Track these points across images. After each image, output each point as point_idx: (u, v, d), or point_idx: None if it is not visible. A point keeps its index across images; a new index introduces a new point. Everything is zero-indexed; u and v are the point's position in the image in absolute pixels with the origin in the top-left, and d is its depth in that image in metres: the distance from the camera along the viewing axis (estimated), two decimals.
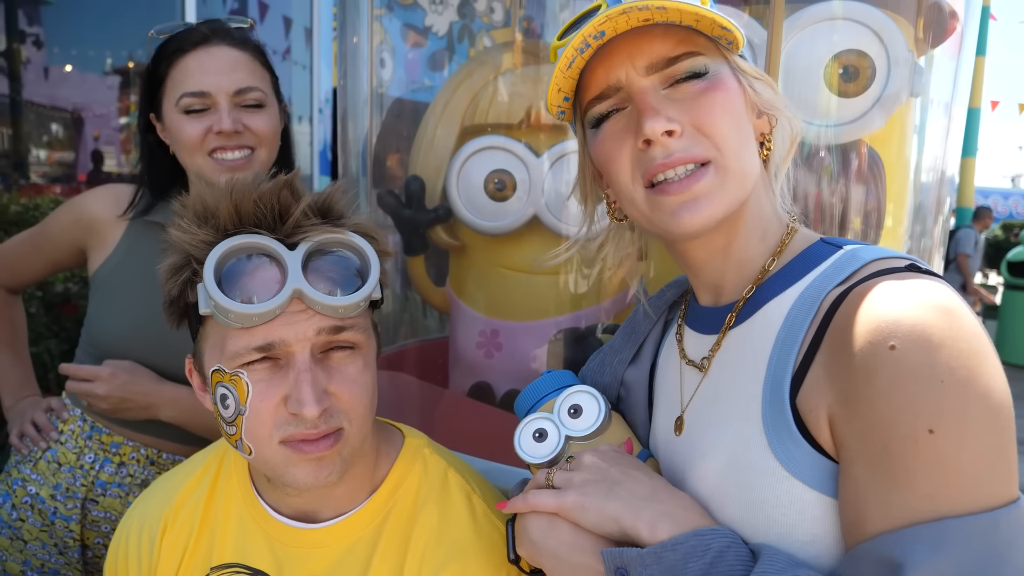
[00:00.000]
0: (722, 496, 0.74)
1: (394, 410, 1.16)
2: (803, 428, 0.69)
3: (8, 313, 1.57)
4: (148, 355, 1.37)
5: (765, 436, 0.71)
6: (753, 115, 0.79)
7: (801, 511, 0.68)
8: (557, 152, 1.41)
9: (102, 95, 6.09)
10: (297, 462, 0.83)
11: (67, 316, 3.27)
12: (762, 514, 0.69)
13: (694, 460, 0.79)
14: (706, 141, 0.74)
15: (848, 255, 0.75)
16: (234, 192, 0.83)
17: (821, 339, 0.70)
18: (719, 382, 0.80)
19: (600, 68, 0.77)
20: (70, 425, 1.44)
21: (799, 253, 0.78)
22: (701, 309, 0.86)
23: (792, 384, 0.70)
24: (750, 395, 0.74)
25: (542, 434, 0.88)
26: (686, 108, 0.74)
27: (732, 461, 0.73)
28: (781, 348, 0.73)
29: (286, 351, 0.81)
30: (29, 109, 5.63)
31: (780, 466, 0.69)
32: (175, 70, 1.30)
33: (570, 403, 0.89)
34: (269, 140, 1.33)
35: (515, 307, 1.49)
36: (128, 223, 1.41)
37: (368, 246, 0.86)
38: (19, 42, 5.45)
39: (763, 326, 0.76)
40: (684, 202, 0.74)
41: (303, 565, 0.91)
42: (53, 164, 6.08)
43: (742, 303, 0.79)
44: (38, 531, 1.42)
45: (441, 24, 1.85)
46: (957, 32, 1.34)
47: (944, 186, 1.44)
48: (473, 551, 0.89)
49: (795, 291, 0.75)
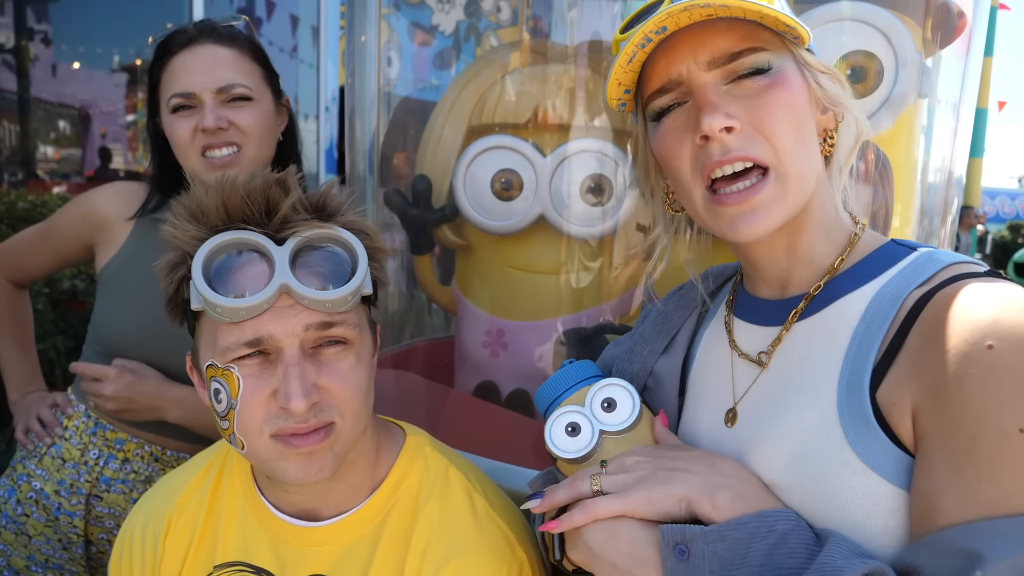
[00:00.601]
0: (788, 485, 0.73)
1: (400, 409, 1.16)
2: (882, 423, 0.69)
3: (15, 308, 1.58)
4: (154, 353, 1.37)
5: (841, 428, 0.71)
6: (818, 111, 0.78)
7: (876, 503, 0.68)
8: (563, 152, 1.41)
9: (109, 92, 6.12)
10: (287, 456, 0.83)
11: (74, 312, 3.29)
12: (834, 504, 0.70)
13: (753, 449, 0.78)
14: (764, 141, 0.74)
15: (925, 257, 0.75)
16: (223, 189, 0.84)
17: (903, 338, 0.70)
18: (782, 373, 0.80)
19: (662, 61, 0.76)
20: (75, 421, 1.44)
21: (871, 252, 0.79)
22: (758, 301, 0.85)
23: (872, 379, 0.71)
24: (822, 388, 0.74)
25: (575, 428, 0.85)
26: (747, 105, 0.74)
27: (801, 452, 0.73)
28: (860, 344, 0.73)
29: (275, 346, 0.82)
30: (37, 106, 5.66)
31: (856, 457, 0.69)
32: (165, 73, 1.33)
33: (603, 396, 0.86)
34: (256, 135, 1.33)
35: (521, 307, 1.49)
36: (136, 221, 1.42)
37: (357, 241, 0.86)
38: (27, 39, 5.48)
39: (837, 321, 0.76)
40: (742, 213, 0.74)
41: (305, 563, 0.91)
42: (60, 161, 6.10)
43: (811, 297, 0.79)
44: (42, 526, 1.42)
45: (448, 23, 1.86)
46: (965, 33, 1.33)
47: (951, 187, 1.44)
48: (474, 548, 0.89)
49: (871, 289, 0.76)
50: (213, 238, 0.83)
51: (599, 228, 1.42)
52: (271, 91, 1.38)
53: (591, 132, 1.44)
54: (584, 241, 1.44)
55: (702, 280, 0.95)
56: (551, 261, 1.46)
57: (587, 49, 1.48)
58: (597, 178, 1.41)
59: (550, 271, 1.46)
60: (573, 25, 1.61)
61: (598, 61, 1.44)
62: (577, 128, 1.45)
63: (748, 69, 0.74)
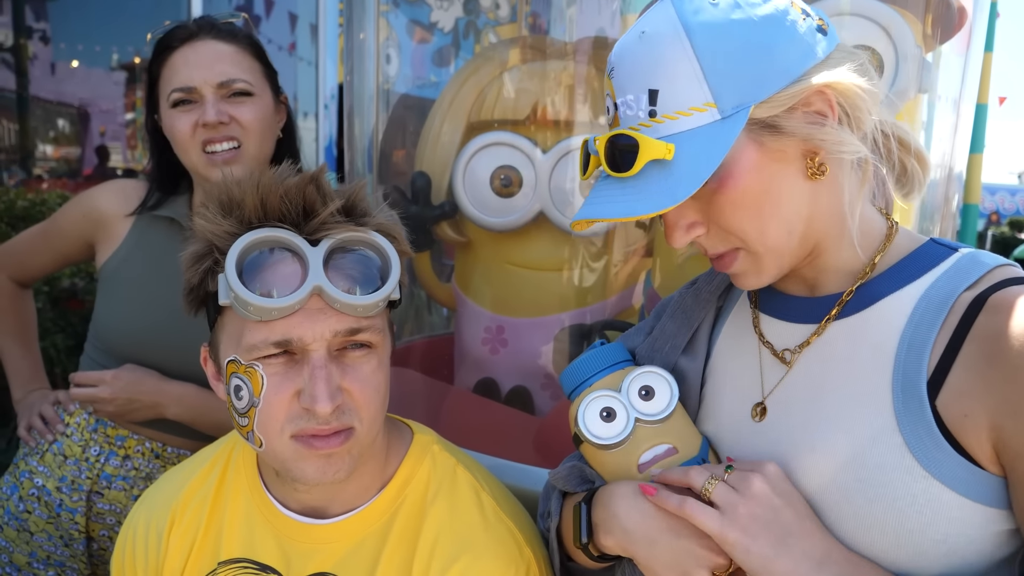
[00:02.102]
0: (841, 490, 0.72)
1: (400, 406, 1.16)
2: (944, 431, 0.69)
3: (18, 307, 1.58)
4: (154, 348, 1.37)
5: (900, 434, 0.70)
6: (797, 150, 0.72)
7: (937, 511, 0.68)
8: (563, 148, 1.41)
9: (108, 91, 6.10)
10: (307, 457, 0.83)
11: (73, 311, 3.28)
12: (893, 510, 0.69)
13: (799, 452, 0.76)
14: (728, 236, 0.75)
15: (969, 258, 0.75)
16: (261, 185, 0.83)
17: (959, 343, 0.70)
18: (818, 373, 0.79)
19: None
20: (76, 418, 1.44)
21: (911, 252, 0.77)
22: (787, 298, 0.84)
23: (929, 386, 0.70)
24: (873, 391, 0.73)
25: (610, 414, 0.83)
26: (702, 208, 0.74)
27: (856, 457, 0.72)
28: (910, 347, 0.72)
29: (303, 347, 0.81)
30: (35, 104, 5.65)
31: (918, 465, 0.69)
32: (165, 68, 1.32)
33: (641, 383, 0.84)
34: (256, 131, 1.32)
35: (521, 303, 1.49)
36: (136, 218, 1.42)
37: (389, 246, 0.86)
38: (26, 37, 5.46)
39: (881, 321, 0.75)
40: (730, 275, 0.78)
41: (311, 560, 0.91)
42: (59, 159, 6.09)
43: (850, 295, 0.78)
44: (44, 523, 1.42)
45: (447, 20, 1.86)
46: (965, 28, 1.33)
47: (952, 183, 1.44)
48: (482, 547, 0.89)
49: (915, 290, 0.75)
50: (248, 234, 0.82)
51: (599, 225, 1.42)
52: (271, 88, 1.38)
53: (590, 128, 1.44)
54: (584, 238, 1.44)
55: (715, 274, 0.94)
56: (551, 258, 1.46)
57: (586, 45, 1.48)
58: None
59: (550, 268, 1.46)
60: (572, 22, 1.61)
61: (598, 57, 1.44)
62: (576, 124, 1.45)
63: None
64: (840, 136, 0.71)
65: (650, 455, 0.82)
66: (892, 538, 0.69)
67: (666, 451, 0.82)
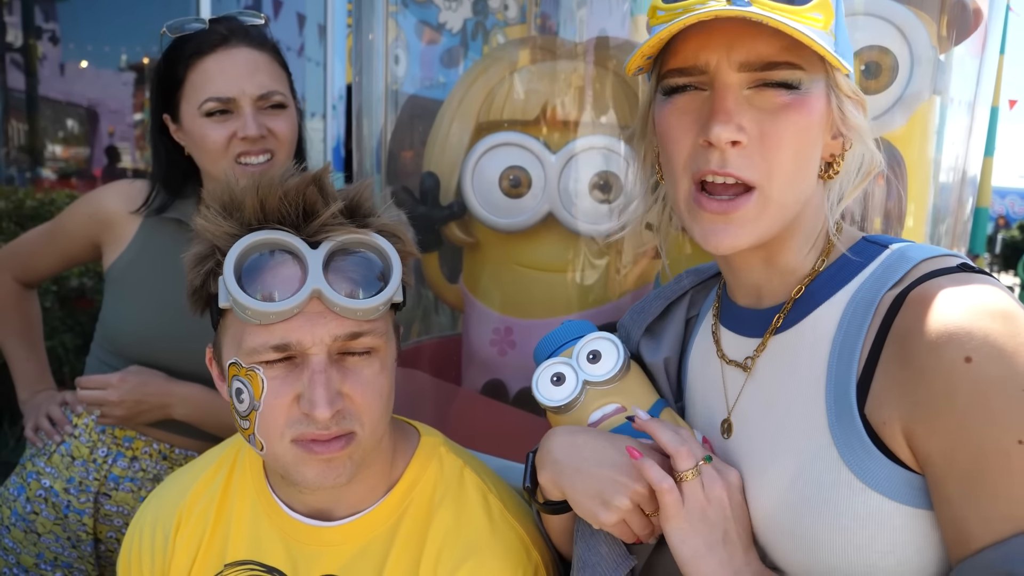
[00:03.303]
0: (792, 509, 0.72)
1: (407, 407, 1.15)
2: (874, 438, 0.68)
3: (24, 307, 1.58)
4: (161, 350, 1.37)
5: (836, 448, 0.70)
6: (828, 135, 0.75)
7: (880, 522, 0.67)
8: (572, 149, 1.41)
9: (117, 91, 6.13)
10: (307, 461, 0.82)
11: (82, 310, 3.30)
12: (838, 526, 0.69)
13: (755, 470, 0.77)
14: (763, 164, 0.71)
15: (896, 255, 0.73)
16: (260, 187, 0.83)
17: (881, 345, 0.69)
18: (769, 387, 0.78)
19: (692, 42, 0.72)
20: (84, 419, 1.44)
21: (843, 254, 0.76)
22: (739, 310, 0.84)
23: (858, 393, 0.70)
24: (811, 405, 0.73)
25: (560, 378, 0.88)
26: (760, 119, 0.71)
27: (800, 474, 0.72)
28: (839, 356, 0.72)
29: (302, 351, 0.81)
30: (45, 105, 5.67)
31: (855, 478, 0.68)
32: (194, 73, 1.29)
33: (589, 348, 0.89)
34: (288, 142, 1.33)
35: (529, 304, 1.48)
36: (143, 219, 1.41)
37: (391, 248, 0.85)
38: (35, 38, 5.49)
39: (814, 332, 0.75)
40: (716, 223, 0.73)
41: (318, 563, 0.91)
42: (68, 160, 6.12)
43: (789, 306, 0.78)
44: (52, 524, 1.42)
45: (455, 21, 1.85)
46: (981, 29, 1.32)
47: (965, 186, 1.43)
48: (489, 550, 0.89)
49: (845, 295, 0.74)
50: (247, 236, 0.82)
51: (607, 226, 1.42)
52: (293, 94, 1.37)
53: (600, 129, 1.43)
54: (593, 239, 1.43)
55: (682, 278, 0.95)
56: (560, 259, 1.45)
57: (596, 46, 1.47)
58: (605, 175, 1.40)
59: (559, 269, 1.46)
60: (582, 23, 1.60)
61: (607, 58, 1.43)
62: (586, 125, 1.44)
63: (776, 80, 0.71)
64: (863, 132, 0.74)
65: (599, 414, 0.87)
66: (842, 554, 0.69)
67: (614, 410, 0.87)
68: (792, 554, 0.73)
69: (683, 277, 0.96)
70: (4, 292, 1.55)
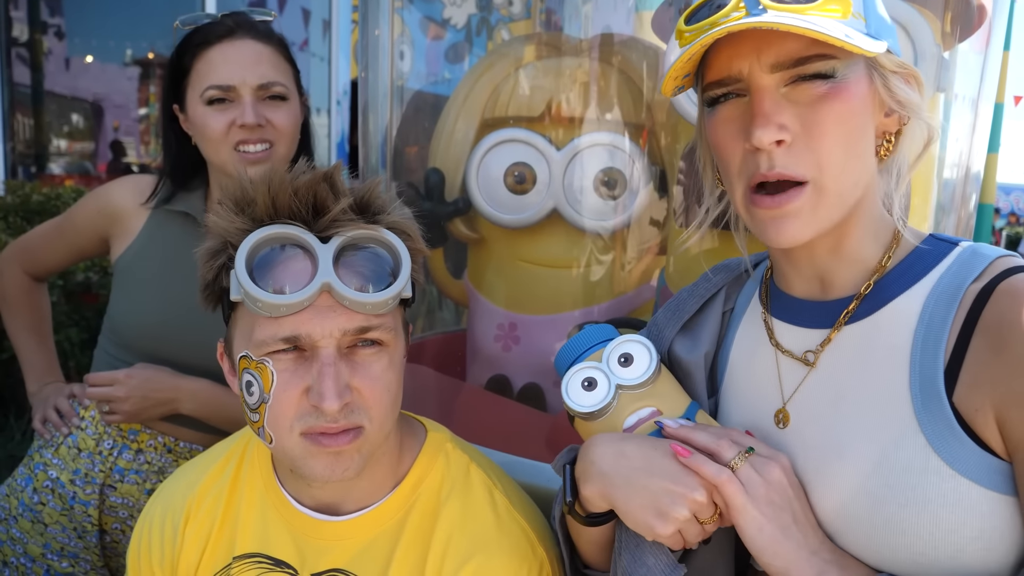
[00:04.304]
0: (871, 496, 0.73)
1: (412, 403, 1.16)
2: (964, 427, 0.69)
3: (33, 300, 1.59)
4: (167, 342, 1.38)
5: (923, 435, 0.70)
6: (880, 114, 0.76)
7: (968, 508, 0.68)
8: (577, 146, 1.41)
9: (122, 86, 6.14)
10: (315, 454, 0.83)
11: (87, 305, 3.31)
12: (926, 512, 0.69)
13: (822, 460, 0.77)
14: (811, 156, 0.72)
15: (970, 251, 0.75)
16: (272, 183, 0.83)
17: (969, 335, 0.70)
18: (838, 379, 0.78)
19: (724, 53, 0.73)
20: (90, 412, 1.45)
21: (913, 250, 0.77)
22: (796, 302, 0.83)
23: (945, 383, 0.70)
24: (891, 394, 0.73)
25: (591, 383, 0.85)
26: (800, 114, 0.71)
27: (882, 461, 0.72)
28: (924, 345, 0.72)
29: (311, 344, 0.82)
30: (50, 99, 5.69)
31: (944, 464, 0.69)
32: (200, 62, 1.31)
33: (620, 351, 0.86)
34: (288, 134, 1.33)
35: (533, 300, 1.49)
36: (150, 212, 1.42)
37: (401, 244, 0.86)
38: (41, 33, 5.51)
39: (893, 323, 0.75)
40: (774, 218, 0.73)
41: (325, 557, 0.91)
42: (73, 154, 6.14)
43: (861, 298, 0.78)
44: (58, 515, 1.44)
45: (459, 16, 1.86)
46: (985, 26, 1.32)
47: (969, 182, 1.43)
48: (495, 545, 0.89)
49: (923, 288, 0.75)
50: (258, 231, 0.83)
51: (612, 222, 1.42)
52: (298, 89, 1.38)
53: (604, 126, 1.44)
54: (597, 235, 1.43)
55: (711, 276, 0.95)
56: (564, 255, 1.46)
57: (601, 43, 1.47)
58: (610, 172, 1.40)
59: (563, 265, 1.46)
60: (587, 19, 1.60)
61: (612, 55, 1.44)
62: (590, 122, 1.45)
63: (810, 73, 0.71)
64: (917, 106, 0.74)
65: (634, 419, 0.84)
66: (929, 539, 0.69)
67: (650, 414, 0.84)
68: (870, 542, 0.73)
69: (712, 274, 0.95)
70: (15, 285, 1.56)
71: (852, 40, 0.67)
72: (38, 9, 5.49)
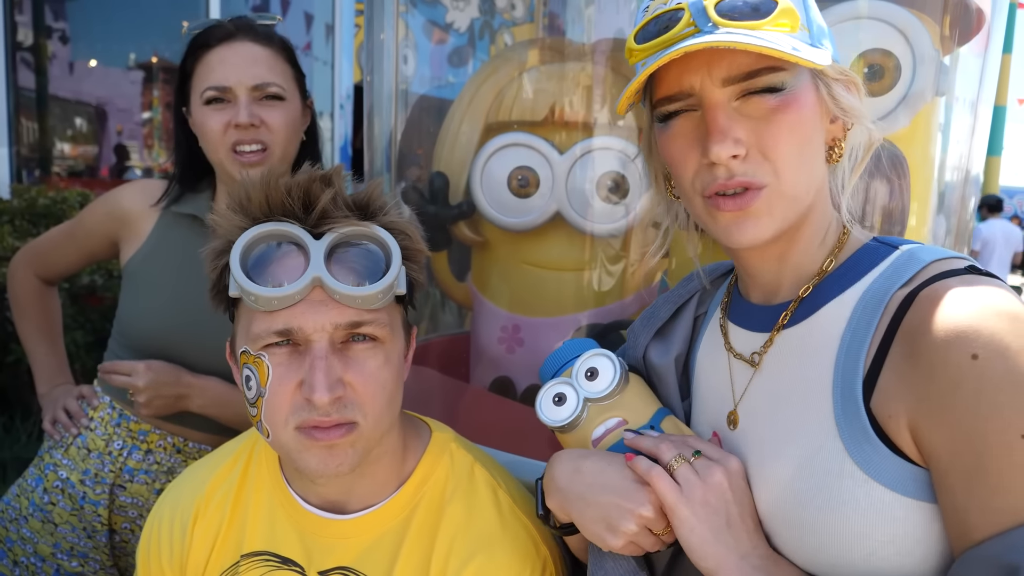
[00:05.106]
0: (796, 498, 0.74)
1: (416, 404, 1.17)
2: (878, 431, 0.70)
3: (44, 304, 1.61)
4: (178, 342, 1.39)
5: (840, 440, 0.72)
6: (827, 121, 0.78)
7: (881, 512, 0.69)
8: (580, 149, 1.42)
9: (126, 90, 6.16)
10: (309, 448, 0.84)
11: (93, 308, 3.32)
12: (840, 516, 0.71)
13: (761, 461, 0.79)
14: (768, 165, 0.74)
15: (906, 256, 0.75)
16: (267, 182, 0.86)
17: (890, 342, 0.71)
18: (777, 381, 0.80)
19: (674, 69, 0.75)
20: (100, 412, 1.47)
21: (853, 253, 0.79)
22: (749, 306, 0.86)
23: (864, 388, 0.71)
24: (818, 398, 0.75)
25: (561, 398, 0.90)
26: (753, 127, 0.73)
27: (805, 464, 0.74)
28: (848, 351, 0.73)
29: (304, 338, 0.83)
30: (54, 103, 5.70)
31: (859, 469, 0.70)
32: (200, 64, 1.34)
33: (587, 366, 0.90)
34: (283, 136, 1.35)
35: (537, 303, 1.50)
36: (159, 215, 1.44)
37: (392, 240, 0.88)
38: (45, 37, 5.52)
39: (823, 327, 0.77)
40: (736, 219, 0.75)
41: (332, 555, 0.92)
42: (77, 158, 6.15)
43: (797, 303, 0.80)
44: (68, 515, 1.45)
45: (462, 20, 1.87)
46: (984, 30, 1.33)
47: (969, 185, 1.44)
48: (499, 544, 0.90)
49: (855, 293, 0.76)
50: (252, 228, 0.85)
51: (615, 225, 1.43)
52: (299, 92, 1.40)
53: (607, 130, 1.45)
54: (600, 238, 1.45)
55: (693, 278, 0.97)
56: (567, 258, 1.47)
57: (604, 46, 1.48)
58: (613, 175, 1.42)
59: (566, 268, 1.47)
60: (590, 22, 1.61)
61: (616, 59, 1.45)
62: (593, 126, 1.46)
63: (761, 87, 0.73)
64: (858, 112, 0.77)
65: (601, 429, 0.88)
66: (843, 542, 0.70)
67: (616, 423, 0.88)
68: (795, 543, 0.75)
69: (692, 278, 0.97)
70: (26, 289, 1.58)
71: (801, 53, 0.69)
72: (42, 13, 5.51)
